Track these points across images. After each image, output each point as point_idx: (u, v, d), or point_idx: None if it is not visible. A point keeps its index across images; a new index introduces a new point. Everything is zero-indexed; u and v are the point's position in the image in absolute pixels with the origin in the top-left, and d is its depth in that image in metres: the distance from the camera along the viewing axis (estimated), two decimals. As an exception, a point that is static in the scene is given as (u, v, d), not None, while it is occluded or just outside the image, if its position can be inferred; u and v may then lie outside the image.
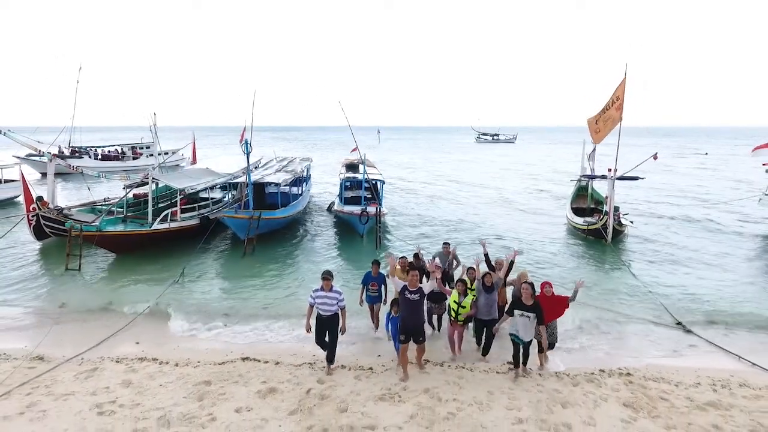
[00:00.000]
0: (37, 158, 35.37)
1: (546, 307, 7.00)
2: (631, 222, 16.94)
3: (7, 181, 24.72)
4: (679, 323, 9.69)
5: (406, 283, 7.05)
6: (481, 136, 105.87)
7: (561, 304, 7.26)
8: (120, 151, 46.10)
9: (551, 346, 7.53)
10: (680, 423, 5.82)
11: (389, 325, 8.07)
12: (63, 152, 40.35)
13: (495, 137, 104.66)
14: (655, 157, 16.33)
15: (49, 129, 44.30)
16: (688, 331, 9.33)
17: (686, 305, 10.91)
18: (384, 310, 8.67)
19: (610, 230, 15.54)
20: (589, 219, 17.23)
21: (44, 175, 30.66)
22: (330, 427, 5.58)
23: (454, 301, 7.64)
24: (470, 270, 8.18)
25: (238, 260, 14.55)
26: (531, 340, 7.02)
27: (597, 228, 16.04)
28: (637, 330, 9.51)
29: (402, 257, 8.84)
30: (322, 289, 6.99)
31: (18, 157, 37.00)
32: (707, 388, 6.89)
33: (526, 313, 6.83)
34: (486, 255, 8.70)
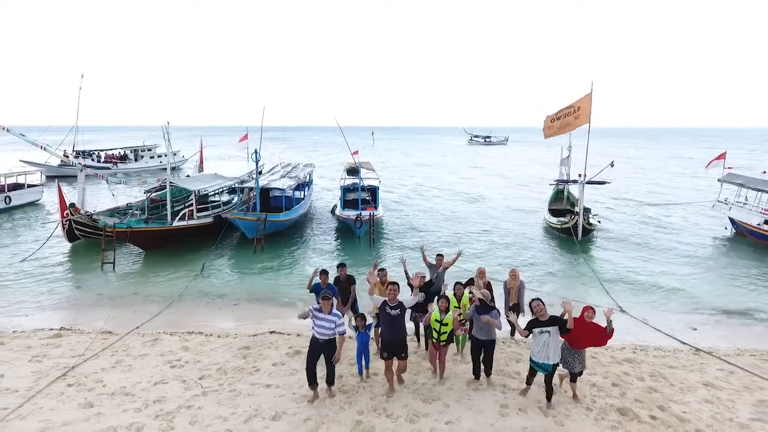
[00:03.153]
0: (60, 165, 37.60)
1: (582, 334, 6.48)
2: (599, 222, 19.12)
3: (30, 185, 26.48)
4: (622, 310, 11.83)
5: (386, 299, 6.69)
6: (473, 138, 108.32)
7: (599, 333, 6.57)
8: (122, 154, 47.79)
9: (579, 374, 6.84)
10: (600, 371, 7.93)
11: (358, 339, 7.49)
12: (68, 155, 42.06)
13: (487, 139, 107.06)
14: (611, 165, 18.57)
15: (57, 128, 45.87)
16: (625, 313, 11.48)
17: (633, 292, 13.15)
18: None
19: (579, 229, 17.69)
20: (562, 219, 19.40)
21: (49, 178, 32.24)
22: (344, 374, 7.61)
23: (435, 320, 7.01)
24: (457, 286, 7.93)
25: (250, 256, 16.51)
26: (556, 364, 6.43)
27: (569, 227, 18.21)
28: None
29: (382, 269, 8.23)
30: (320, 309, 6.48)
31: (25, 162, 38.69)
32: (629, 351, 9.03)
33: (545, 329, 6.31)
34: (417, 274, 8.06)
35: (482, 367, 7.26)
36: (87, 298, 12.55)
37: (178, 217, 16.99)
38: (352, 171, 24.34)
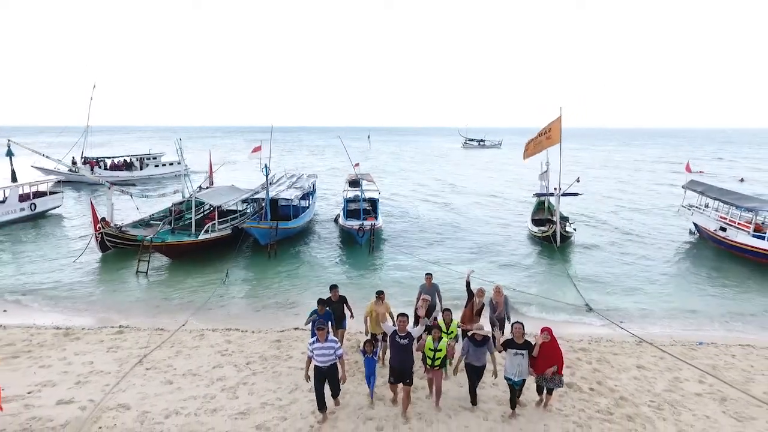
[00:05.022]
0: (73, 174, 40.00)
1: (541, 353, 7.27)
2: (575, 229, 21.36)
3: (51, 193, 28.34)
4: (588, 307, 14.05)
5: (396, 328, 7.30)
6: (467, 142, 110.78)
7: (557, 355, 7.30)
8: (128, 162, 49.65)
9: (550, 391, 7.67)
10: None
11: (366, 364, 8.21)
12: (75, 162, 44.09)
13: (481, 143, 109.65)
14: (578, 180, 20.96)
15: (72, 129, 48.04)
16: (592, 311, 13.71)
17: (600, 291, 15.42)
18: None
19: (557, 237, 19.95)
20: (542, 228, 21.66)
21: (59, 182, 34.03)
22: (359, 360, 9.72)
23: (429, 348, 7.51)
24: (446, 312, 8.36)
25: (265, 262, 18.57)
26: (524, 380, 7.41)
27: (548, 235, 20.45)
28: (559, 310, 13.89)
29: (380, 292, 9.22)
30: (317, 340, 7.07)
31: (36, 167, 40.63)
32: (585, 343, 11.19)
33: (519, 351, 7.21)
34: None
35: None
36: (128, 301, 14.55)
37: (203, 230, 18.97)
38: (354, 183, 26.47)
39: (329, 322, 8.57)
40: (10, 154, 26.22)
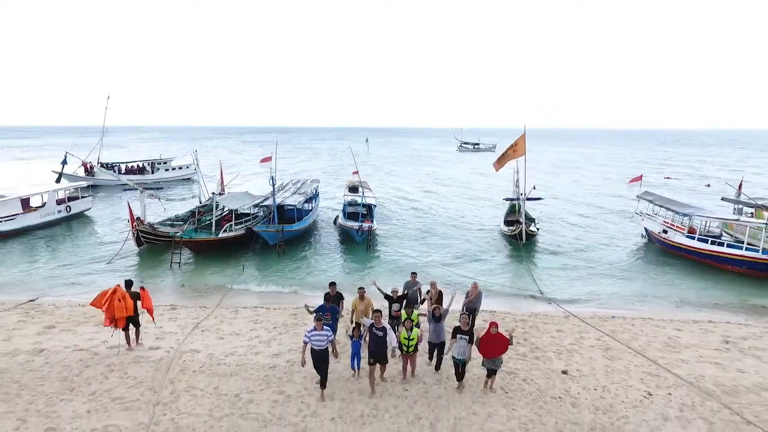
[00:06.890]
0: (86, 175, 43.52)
1: (489, 343, 9.02)
2: (539, 229, 25.05)
3: (83, 197, 31.81)
4: (541, 292, 17.63)
5: (373, 321, 9.19)
6: (463, 145, 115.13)
7: (503, 343, 9.02)
8: (141, 166, 53.19)
9: (494, 371, 9.39)
10: (502, 324, 13.60)
11: (352, 346, 9.87)
12: (93, 166, 47.67)
13: (476, 146, 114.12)
14: (534, 187, 24.76)
15: (92, 129, 51.58)
16: (545, 297, 17.29)
17: (553, 280, 19.03)
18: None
19: (523, 235, 23.57)
20: (511, 227, 25.33)
21: (88, 187, 37.52)
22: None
23: (404, 337, 9.34)
24: (407, 309, 10.19)
25: (275, 258, 22.06)
26: (467, 360, 9.29)
27: (516, 233, 24.07)
28: (517, 295, 17.50)
29: (361, 288, 11.29)
30: (315, 328, 8.88)
31: (55, 172, 44.12)
32: (526, 316, 14.77)
33: (463, 336, 9.15)
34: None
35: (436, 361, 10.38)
36: (168, 287, 18.14)
37: (222, 230, 22.53)
38: (353, 188, 30.11)
39: (335, 315, 10.52)
40: (64, 162, 30.29)
